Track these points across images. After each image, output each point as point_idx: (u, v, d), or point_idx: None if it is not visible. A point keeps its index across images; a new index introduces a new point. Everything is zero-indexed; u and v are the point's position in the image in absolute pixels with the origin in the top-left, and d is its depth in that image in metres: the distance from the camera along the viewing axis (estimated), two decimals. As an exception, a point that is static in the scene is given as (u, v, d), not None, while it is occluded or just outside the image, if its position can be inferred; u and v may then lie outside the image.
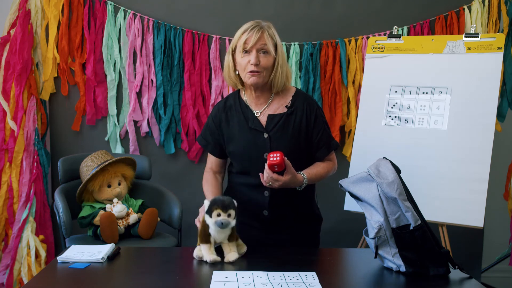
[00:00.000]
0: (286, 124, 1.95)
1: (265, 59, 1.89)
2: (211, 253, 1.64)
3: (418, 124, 2.59)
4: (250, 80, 1.90)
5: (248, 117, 1.98)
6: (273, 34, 1.93)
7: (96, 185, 2.48)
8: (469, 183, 2.41)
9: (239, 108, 2.00)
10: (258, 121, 1.97)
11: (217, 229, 1.62)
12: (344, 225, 3.02)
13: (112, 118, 3.05)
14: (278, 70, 1.92)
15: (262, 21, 1.94)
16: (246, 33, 1.88)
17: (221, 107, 2.05)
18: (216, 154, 2.07)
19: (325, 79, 3.04)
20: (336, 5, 3.05)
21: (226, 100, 2.07)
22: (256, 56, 1.87)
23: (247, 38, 1.87)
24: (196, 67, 3.03)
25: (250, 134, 1.95)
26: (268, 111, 1.98)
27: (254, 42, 1.86)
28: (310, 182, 1.92)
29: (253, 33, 1.87)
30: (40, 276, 1.53)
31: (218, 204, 1.61)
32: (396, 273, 1.58)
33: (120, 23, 3.01)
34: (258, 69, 1.88)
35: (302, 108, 1.97)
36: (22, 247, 2.83)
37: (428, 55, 2.65)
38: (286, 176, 1.79)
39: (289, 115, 1.96)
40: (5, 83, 2.89)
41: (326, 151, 2.00)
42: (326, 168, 2.00)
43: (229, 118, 2.01)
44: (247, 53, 1.88)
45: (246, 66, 1.89)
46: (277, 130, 1.94)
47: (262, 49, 1.88)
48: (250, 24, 1.91)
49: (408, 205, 1.55)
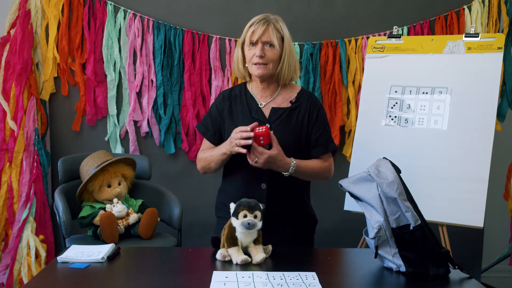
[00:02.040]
0: (288, 118, 1.98)
1: (271, 52, 1.93)
2: (240, 254, 1.63)
3: (418, 124, 2.59)
4: (256, 72, 1.95)
5: (252, 108, 2.01)
6: (280, 27, 1.97)
7: (96, 185, 2.48)
8: (469, 183, 2.41)
9: (244, 98, 2.03)
10: (262, 112, 2.00)
11: (243, 231, 1.61)
12: (344, 225, 3.02)
13: (112, 118, 3.05)
14: (284, 63, 1.96)
15: (271, 14, 2.00)
16: (253, 26, 1.94)
17: (226, 96, 2.07)
18: (214, 142, 2.06)
19: (325, 79, 3.04)
20: (336, 5, 3.05)
21: (232, 89, 2.09)
22: (261, 49, 1.92)
23: (253, 31, 1.93)
24: (196, 67, 3.03)
25: (251, 123, 1.96)
26: (273, 104, 2.01)
27: (259, 35, 1.92)
28: (299, 171, 1.92)
29: (259, 26, 1.93)
30: (40, 276, 1.53)
31: (244, 206, 1.60)
32: (396, 273, 1.58)
33: (120, 23, 3.01)
34: (263, 61, 1.93)
35: (306, 106, 2.00)
36: (22, 247, 2.83)
37: (428, 55, 2.65)
38: (271, 151, 1.83)
39: (292, 110, 1.99)
40: (5, 83, 2.89)
41: (322, 150, 2.00)
42: (320, 166, 1.99)
43: (232, 107, 2.03)
44: (254, 45, 1.94)
45: (252, 58, 1.94)
46: (279, 123, 1.96)
47: (268, 42, 1.93)
48: (258, 17, 1.97)
49: (408, 205, 1.54)
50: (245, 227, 1.59)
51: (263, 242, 1.68)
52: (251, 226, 1.59)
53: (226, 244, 1.66)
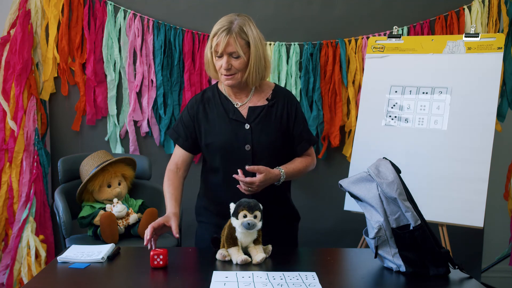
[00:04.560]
0: (267, 115, 1.96)
1: (236, 62, 1.87)
2: (240, 254, 1.63)
3: (418, 124, 2.59)
4: (225, 82, 1.92)
5: (228, 109, 1.97)
6: (246, 32, 1.89)
7: (96, 185, 2.48)
8: (469, 183, 2.41)
9: (219, 100, 2.00)
10: (239, 112, 1.96)
11: (243, 232, 1.61)
12: (344, 225, 3.02)
13: (112, 118, 3.05)
14: (251, 70, 1.90)
15: (236, 16, 1.92)
16: (216, 37, 1.86)
17: (198, 99, 2.03)
18: (186, 148, 2.02)
19: (325, 79, 3.04)
20: (336, 5, 3.05)
21: (204, 92, 2.05)
22: (227, 61, 1.86)
23: (217, 43, 1.86)
24: (196, 67, 3.03)
25: (230, 125, 1.94)
26: (249, 103, 1.98)
27: (223, 48, 1.85)
28: (288, 177, 1.92)
29: (222, 37, 1.85)
30: (40, 276, 1.53)
31: (244, 206, 1.61)
32: (396, 273, 1.58)
33: (120, 23, 3.01)
34: (230, 72, 1.88)
35: (283, 102, 1.99)
36: (22, 247, 2.83)
37: (428, 55, 2.64)
38: (258, 176, 1.80)
39: (270, 107, 1.97)
40: (5, 83, 2.89)
41: (307, 145, 2.02)
42: (305, 163, 2.01)
43: (207, 110, 1.99)
44: (219, 57, 1.88)
45: (220, 70, 1.90)
46: (258, 121, 1.94)
47: (232, 53, 1.86)
48: (220, 26, 1.88)
49: (408, 205, 1.55)
50: (245, 227, 1.59)
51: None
52: (251, 226, 1.59)
53: (226, 244, 1.66)
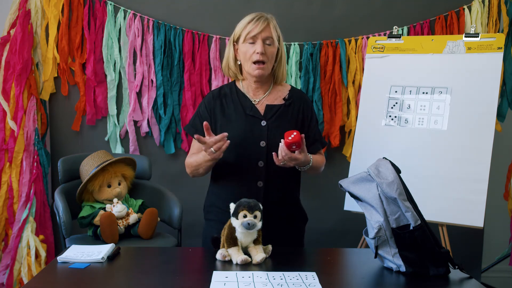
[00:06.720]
0: (284, 114, 1.98)
1: (270, 49, 1.93)
2: (240, 254, 1.63)
3: (418, 124, 2.59)
4: (255, 72, 1.94)
5: (245, 105, 2.00)
6: (276, 26, 1.97)
7: (96, 185, 2.48)
8: (469, 183, 2.41)
9: (236, 96, 2.02)
10: (256, 109, 1.99)
11: (243, 232, 1.61)
12: (344, 225, 3.02)
13: (112, 118, 3.05)
14: (282, 61, 1.97)
15: (265, 13, 1.98)
16: (251, 23, 1.92)
17: (215, 94, 2.05)
18: None
19: (325, 79, 3.04)
20: (336, 5, 3.05)
21: (221, 88, 2.08)
22: (262, 45, 1.90)
23: (253, 28, 1.91)
24: (196, 67, 3.03)
25: (247, 121, 1.96)
26: (266, 101, 2.01)
27: (258, 31, 1.90)
28: (312, 166, 1.96)
29: (259, 23, 1.91)
30: (40, 276, 1.53)
31: (244, 206, 1.61)
32: (396, 273, 1.58)
33: (120, 23, 3.01)
34: (263, 58, 1.91)
35: (299, 103, 2.03)
36: (22, 247, 2.83)
37: (428, 55, 2.65)
38: (301, 154, 1.82)
39: (286, 107, 2.00)
40: (5, 83, 2.89)
41: (319, 146, 2.07)
42: (321, 161, 2.06)
43: (224, 105, 2.01)
44: (252, 43, 1.91)
45: (252, 56, 1.92)
46: (275, 119, 1.96)
47: (267, 38, 1.91)
48: (255, 14, 1.95)
49: (408, 205, 1.55)
50: (245, 227, 1.59)
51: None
52: (251, 226, 1.59)
53: (226, 244, 1.66)
